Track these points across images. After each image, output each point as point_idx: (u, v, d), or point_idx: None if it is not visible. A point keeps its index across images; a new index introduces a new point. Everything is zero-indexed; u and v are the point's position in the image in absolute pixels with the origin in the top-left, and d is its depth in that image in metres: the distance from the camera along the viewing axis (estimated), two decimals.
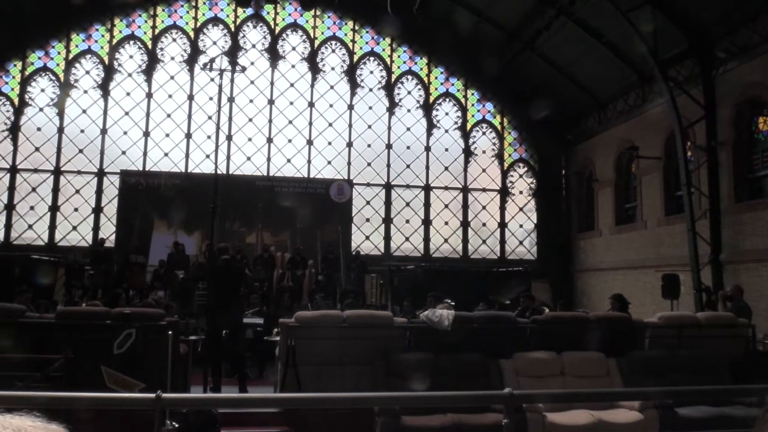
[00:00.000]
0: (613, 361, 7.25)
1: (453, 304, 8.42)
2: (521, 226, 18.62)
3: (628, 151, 15.37)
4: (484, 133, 18.77)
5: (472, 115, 18.75)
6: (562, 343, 7.47)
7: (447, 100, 18.68)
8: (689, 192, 12.48)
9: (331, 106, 18.08)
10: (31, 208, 16.66)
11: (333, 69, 18.31)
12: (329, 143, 17.95)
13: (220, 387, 7.88)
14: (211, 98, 17.06)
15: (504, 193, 18.58)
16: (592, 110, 17.11)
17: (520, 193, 18.69)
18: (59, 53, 17.30)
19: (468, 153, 18.53)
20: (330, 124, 17.98)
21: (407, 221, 17.99)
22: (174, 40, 17.82)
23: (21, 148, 16.77)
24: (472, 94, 18.81)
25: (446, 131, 18.52)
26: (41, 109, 17.01)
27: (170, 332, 6.97)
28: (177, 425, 4.25)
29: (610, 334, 7.78)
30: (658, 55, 12.58)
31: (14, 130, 16.82)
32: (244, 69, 15.33)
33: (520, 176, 18.76)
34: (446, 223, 18.19)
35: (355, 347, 7.34)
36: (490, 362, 7.24)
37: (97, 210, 16.80)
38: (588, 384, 6.97)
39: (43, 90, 17.12)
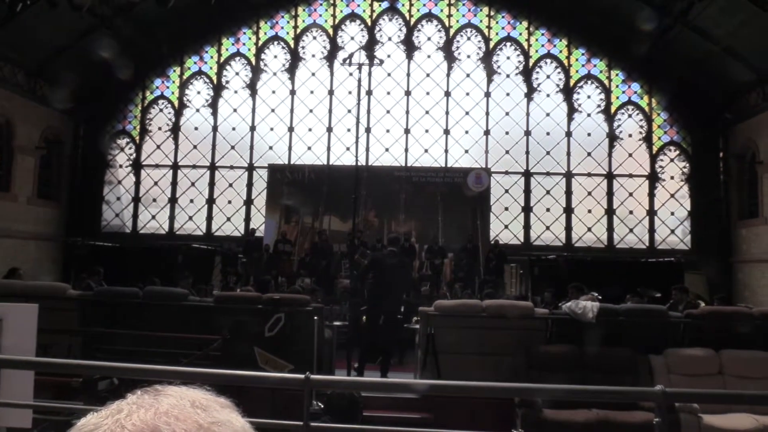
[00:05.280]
0: None
1: (599, 297, 8.08)
2: (672, 213, 17.38)
3: None
4: (630, 116, 17.71)
5: (617, 97, 17.75)
6: (721, 340, 6.93)
7: (589, 82, 17.84)
8: None
9: (467, 94, 17.94)
10: (191, 201, 18.17)
11: (469, 57, 18.14)
12: (466, 132, 17.84)
13: (363, 371, 8.14)
14: (350, 92, 17.59)
15: (653, 178, 17.43)
16: (754, 85, 15.53)
17: (671, 178, 17.42)
18: (212, 57, 18.66)
19: (612, 137, 17.59)
20: (467, 113, 17.86)
21: (548, 210, 17.45)
22: (314, 38, 18.54)
23: (181, 146, 18.33)
24: (617, 74, 17.81)
25: (588, 115, 17.70)
26: (198, 110, 18.47)
27: (316, 317, 7.32)
28: (322, 405, 4.45)
29: None
30: None
31: (175, 130, 18.43)
32: (381, 62, 15.60)
33: (671, 160, 17.49)
34: (589, 211, 17.43)
35: (495, 337, 7.30)
36: (638, 358, 6.89)
37: (248, 202, 17.96)
38: (751, 385, 6.41)
39: (198, 92, 18.56)
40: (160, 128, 18.49)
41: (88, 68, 16.66)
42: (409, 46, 18.22)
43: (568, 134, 17.57)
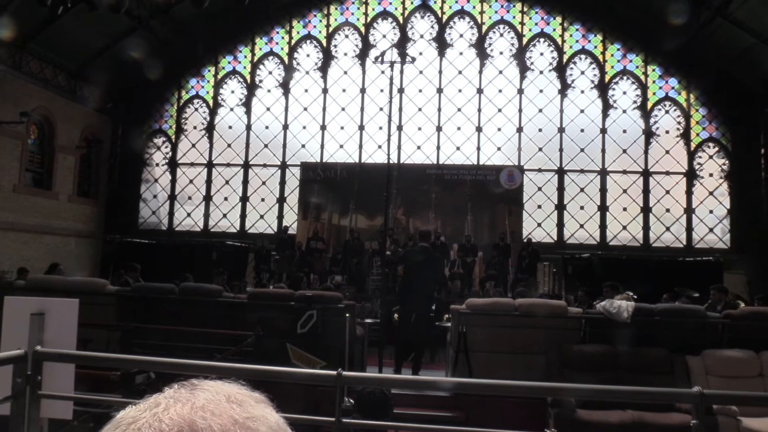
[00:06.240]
0: None
1: (635, 296, 7.95)
2: (711, 211, 16.98)
3: None
4: (667, 112, 17.35)
5: (653, 93, 17.41)
6: (761, 342, 6.76)
7: (624, 78, 17.53)
8: None
9: (500, 91, 17.79)
10: (225, 199, 18.40)
11: (501, 53, 17.98)
12: (499, 129, 17.69)
13: (401, 369, 8.15)
14: (381, 90, 17.59)
15: (691, 176, 17.06)
16: None
17: (710, 175, 17.02)
18: (246, 57, 18.86)
19: (649, 134, 17.27)
20: (499, 110, 17.71)
21: (582, 208, 17.21)
22: (346, 36, 18.59)
23: (216, 144, 18.59)
24: (653, 70, 17.46)
25: (624, 111, 17.40)
26: (232, 109, 18.70)
27: (348, 314, 7.35)
28: (352, 401, 4.47)
29: None
30: None
31: (210, 128, 18.69)
32: (413, 60, 15.56)
33: (710, 157, 17.08)
34: (624, 209, 17.15)
35: (528, 336, 7.24)
36: (675, 358, 6.76)
37: (281, 200, 18.12)
38: None
39: (233, 91, 18.78)
40: (195, 127, 18.78)
41: (126, 69, 17.00)
42: (441, 44, 18.15)
43: (603, 131, 17.30)
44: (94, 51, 16.23)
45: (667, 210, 17.09)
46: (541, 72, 17.75)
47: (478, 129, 17.66)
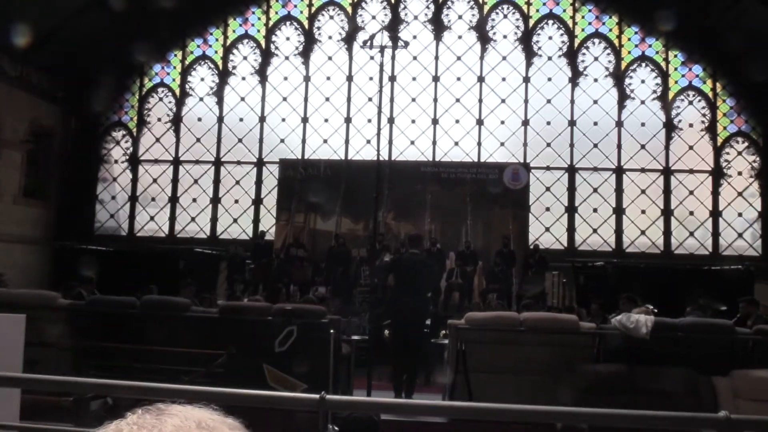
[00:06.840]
0: None
1: (655, 310, 8.00)
2: (740, 214, 17.12)
3: None
4: (690, 103, 17.49)
5: (675, 82, 17.54)
6: None
7: (643, 65, 17.66)
8: None
9: (503, 79, 17.86)
10: (194, 200, 18.35)
11: (505, 37, 18.06)
12: (502, 122, 17.76)
13: (401, 392, 8.12)
14: (371, 78, 17.59)
15: (717, 174, 17.19)
16: None
17: (739, 174, 17.16)
18: (217, 40, 18.84)
19: (670, 128, 17.39)
20: (503, 101, 17.77)
21: (595, 210, 17.31)
22: (331, 17, 18.60)
23: (183, 139, 18.52)
24: (675, 56, 17.60)
25: (642, 102, 17.52)
26: (201, 99, 18.65)
27: (332, 331, 7.35)
28: (337, 429, 4.47)
29: None
30: None
31: (176, 121, 18.62)
32: (406, 44, 15.55)
33: (739, 153, 17.22)
34: (643, 211, 17.25)
35: (534, 355, 7.26)
36: (700, 380, 6.81)
37: (257, 201, 18.09)
38: None
39: (202, 79, 18.74)
40: (159, 119, 18.71)
41: (81, 53, 16.90)
42: (438, 26, 18.20)
43: (619, 124, 17.41)
44: (44, 31, 16.12)
45: (691, 213, 17.22)
46: (550, 58, 17.84)
47: (479, 122, 17.73)
